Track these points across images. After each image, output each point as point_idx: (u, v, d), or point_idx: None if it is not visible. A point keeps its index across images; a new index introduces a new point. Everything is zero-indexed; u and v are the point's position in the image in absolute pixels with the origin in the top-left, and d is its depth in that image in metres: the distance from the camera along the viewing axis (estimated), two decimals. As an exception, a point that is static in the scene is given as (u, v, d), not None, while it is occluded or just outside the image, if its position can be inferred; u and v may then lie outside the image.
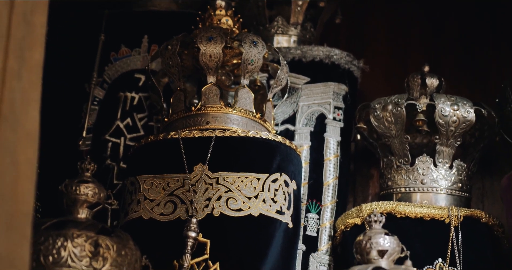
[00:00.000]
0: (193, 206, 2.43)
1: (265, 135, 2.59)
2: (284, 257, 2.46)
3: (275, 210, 2.48)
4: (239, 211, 2.44)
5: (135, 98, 3.08)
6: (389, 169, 2.92)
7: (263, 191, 2.48)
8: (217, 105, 2.65)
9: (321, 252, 2.79)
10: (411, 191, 2.84)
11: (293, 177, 2.60)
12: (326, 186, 2.91)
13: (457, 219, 2.69)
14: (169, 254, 2.37)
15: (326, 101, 3.03)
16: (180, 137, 2.56)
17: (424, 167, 2.84)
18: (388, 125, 2.85)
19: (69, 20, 3.22)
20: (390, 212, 2.71)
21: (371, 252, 2.10)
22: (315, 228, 2.83)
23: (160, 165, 2.55)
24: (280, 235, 2.46)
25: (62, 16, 3.14)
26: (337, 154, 2.98)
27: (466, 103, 2.81)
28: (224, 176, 2.49)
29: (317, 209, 2.86)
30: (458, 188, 2.84)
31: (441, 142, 2.83)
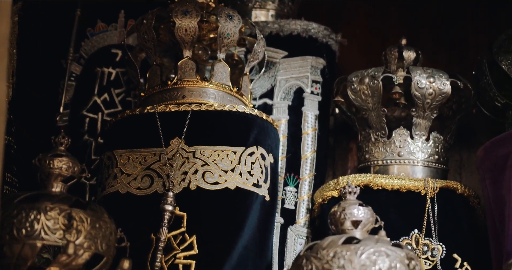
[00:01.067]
0: (169, 180, 2.44)
1: (241, 109, 2.59)
2: (261, 230, 2.47)
3: (251, 183, 2.49)
4: (216, 184, 2.45)
5: (112, 73, 3.07)
6: (366, 142, 2.94)
7: (240, 165, 2.49)
8: (193, 79, 2.65)
9: (299, 225, 2.81)
10: (388, 163, 2.86)
11: (270, 151, 2.61)
12: (304, 160, 2.93)
13: (433, 190, 2.72)
14: (146, 228, 2.39)
15: (304, 75, 3.04)
16: (156, 112, 2.56)
17: (401, 139, 2.86)
18: (365, 98, 2.86)
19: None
20: (367, 184, 2.74)
21: (345, 222, 2.12)
22: (293, 201, 2.85)
23: (136, 140, 2.55)
24: (256, 208, 2.47)
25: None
26: (315, 127, 2.99)
27: (442, 76, 2.83)
28: (200, 150, 2.50)
29: (295, 182, 2.88)
30: (435, 160, 2.86)
31: (417, 114, 2.85)
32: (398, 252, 1.98)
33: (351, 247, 1.96)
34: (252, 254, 2.40)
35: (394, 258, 1.95)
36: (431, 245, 2.63)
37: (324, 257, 1.97)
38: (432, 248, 2.62)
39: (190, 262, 2.31)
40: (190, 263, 2.31)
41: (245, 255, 2.37)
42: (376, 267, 1.93)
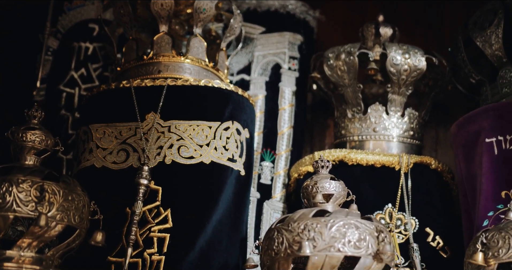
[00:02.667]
0: (145, 154, 2.45)
1: (217, 84, 2.60)
2: (236, 204, 2.50)
3: (226, 158, 2.51)
4: (191, 158, 2.47)
5: (89, 48, 3.07)
6: (343, 118, 2.96)
7: (215, 139, 2.51)
8: (169, 54, 2.65)
9: (275, 199, 2.84)
10: (363, 139, 2.89)
11: (246, 126, 2.63)
12: (280, 135, 2.95)
13: (407, 166, 2.75)
14: (122, 202, 2.40)
15: (281, 51, 3.05)
16: (132, 86, 2.57)
17: (376, 115, 2.88)
18: (341, 74, 2.88)
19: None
20: (342, 159, 2.76)
21: (317, 196, 2.15)
22: (269, 176, 2.87)
23: (112, 114, 2.56)
24: (231, 182, 2.49)
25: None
26: (292, 103, 3.01)
27: (417, 52, 2.85)
28: (175, 125, 2.51)
29: (271, 157, 2.90)
30: (410, 136, 2.89)
31: (393, 90, 2.87)
32: (368, 224, 2.01)
33: (321, 220, 1.99)
34: (226, 227, 2.42)
35: (364, 231, 1.98)
36: (404, 219, 2.66)
37: (295, 230, 2.00)
38: (405, 222, 2.66)
39: (164, 235, 2.33)
40: (164, 236, 2.33)
41: (220, 229, 2.39)
42: (346, 239, 1.96)
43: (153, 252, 2.29)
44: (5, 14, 2.88)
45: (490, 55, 2.78)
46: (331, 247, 1.95)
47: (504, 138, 2.58)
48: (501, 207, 2.45)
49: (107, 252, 2.30)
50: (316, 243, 1.95)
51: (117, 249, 2.32)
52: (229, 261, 2.37)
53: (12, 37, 3.02)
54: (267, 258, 2.06)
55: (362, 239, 1.97)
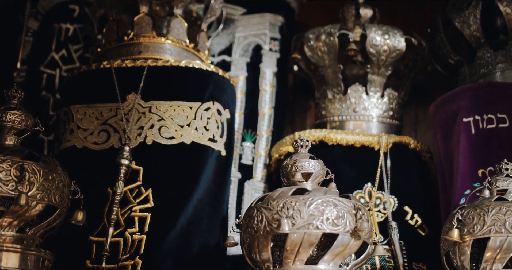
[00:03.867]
0: (126, 135, 2.47)
1: (197, 65, 2.61)
2: (217, 184, 2.52)
3: (207, 138, 2.53)
4: (172, 139, 2.48)
5: (70, 29, 3.06)
6: (323, 99, 2.99)
7: (196, 119, 2.52)
8: (150, 34, 2.66)
9: (256, 179, 2.86)
10: (344, 119, 2.91)
11: (227, 106, 2.64)
12: (261, 116, 2.97)
13: (386, 145, 2.78)
14: (103, 182, 2.42)
15: (262, 32, 3.06)
16: (113, 67, 2.57)
17: (356, 96, 2.91)
18: (321, 55, 2.90)
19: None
20: (322, 140, 2.79)
21: (296, 175, 2.17)
22: (250, 156, 2.90)
23: (93, 95, 2.57)
24: (212, 162, 2.51)
25: None
26: (273, 84, 3.03)
27: (396, 33, 2.87)
28: (156, 105, 2.52)
29: (253, 138, 2.92)
30: (389, 116, 2.93)
31: (372, 71, 2.89)
32: (346, 202, 2.03)
33: (300, 198, 2.01)
34: (207, 207, 2.45)
35: (342, 208, 2.01)
36: (384, 198, 2.70)
37: (274, 208, 2.02)
38: (384, 201, 2.69)
39: (145, 215, 2.35)
40: (145, 216, 2.35)
41: (201, 208, 2.42)
42: (324, 217, 1.98)
43: (135, 232, 2.31)
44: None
45: (468, 36, 2.81)
46: (309, 224, 1.98)
47: (481, 118, 2.62)
48: (478, 185, 2.49)
49: (88, 232, 2.32)
50: (295, 220, 1.98)
51: (98, 228, 2.34)
52: (210, 240, 2.40)
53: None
54: (246, 236, 2.08)
55: (340, 217, 1.99)
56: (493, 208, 2.04)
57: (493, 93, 2.67)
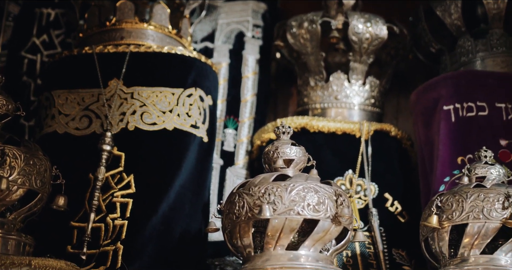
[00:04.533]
0: (108, 121, 2.46)
1: (180, 51, 2.61)
2: (199, 170, 2.52)
3: (189, 125, 2.53)
4: (154, 125, 2.48)
5: (51, 14, 3.04)
6: (305, 86, 3.00)
7: (178, 106, 2.53)
8: (132, 20, 2.65)
9: (238, 166, 2.87)
10: (325, 107, 2.93)
11: (209, 93, 2.64)
12: (244, 103, 2.98)
13: (367, 133, 2.80)
14: (84, 167, 2.41)
15: (245, 19, 3.06)
16: (94, 52, 2.56)
17: (338, 83, 2.93)
18: (304, 42, 2.91)
19: None
20: (304, 127, 2.81)
21: (278, 161, 2.17)
22: (232, 143, 2.90)
23: (74, 80, 2.56)
24: (194, 148, 2.51)
25: None
26: (255, 71, 3.03)
27: (378, 21, 2.89)
28: (138, 91, 2.51)
29: (235, 125, 2.93)
30: (371, 103, 2.95)
31: (354, 59, 2.91)
32: (327, 188, 2.05)
33: (281, 184, 2.03)
34: (189, 193, 2.45)
35: (323, 194, 2.03)
36: (364, 185, 2.72)
37: (255, 194, 2.03)
38: (365, 188, 2.72)
39: (127, 200, 2.35)
40: (127, 201, 2.35)
41: (182, 194, 2.42)
42: (305, 203, 2.00)
43: (116, 217, 2.31)
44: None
45: (449, 25, 2.83)
46: (290, 210, 1.99)
47: (462, 106, 2.65)
48: (457, 172, 2.51)
49: (69, 217, 2.32)
50: (276, 206, 1.99)
51: (79, 214, 2.34)
52: (191, 226, 2.41)
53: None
54: (228, 222, 2.09)
55: (321, 203, 2.01)
56: (471, 194, 2.07)
57: (473, 81, 2.70)
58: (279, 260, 2.01)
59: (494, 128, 2.60)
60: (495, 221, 2.02)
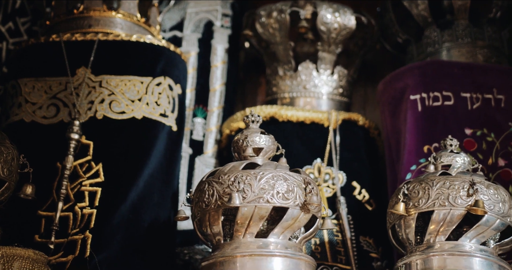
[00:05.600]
0: (75, 109, 2.44)
1: (149, 40, 2.60)
2: (168, 159, 2.52)
3: (158, 113, 2.52)
4: (122, 113, 2.47)
5: (17, 1, 2.99)
6: (274, 76, 3.01)
7: (147, 94, 2.52)
8: (100, 8, 2.63)
9: (207, 155, 2.88)
10: (294, 96, 2.95)
11: (178, 81, 2.64)
12: (213, 92, 2.98)
13: (336, 122, 2.83)
14: (52, 156, 2.39)
15: (214, 8, 3.05)
16: (62, 40, 2.54)
17: (307, 73, 2.95)
18: (272, 31, 2.92)
19: None
20: (273, 116, 2.82)
21: (247, 149, 2.19)
22: (201, 132, 2.90)
23: (41, 68, 2.53)
24: (163, 137, 2.51)
25: None
26: (224, 60, 3.03)
27: (347, 11, 2.91)
28: (107, 79, 2.50)
29: (204, 114, 2.93)
30: (339, 93, 2.97)
31: (323, 48, 2.93)
32: (296, 177, 2.07)
33: (251, 172, 2.04)
34: (158, 182, 2.45)
35: (292, 182, 2.04)
36: (332, 174, 2.75)
37: (225, 182, 2.04)
38: (333, 177, 2.74)
39: (96, 189, 2.33)
40: (96, 190, 2.33)
41: (151, 183, 2.41)
42: (275, 191, 2.02)
43: (85, 206, 2.30)
44: None
45: (416, 15, 2.87)
46: (260, 198, 2.01)
47: (428, 95, 2.69)
48: (423, 161, 2.56)
49: (37, 206, 2.30)
50: (246, 194, 2.01)
51: (47, 203, 2.31)
52: (160, 215, 2.41)
53: None
54: (197, 210, 2.10)
55: (290, 191, 2.03)
56: (437, 182, 2.10)
57: (439, 71, 2.74)
58: (249, 248, 2.02)
59: (459, 118, 2.65)
60: (460, 208, 2.06)
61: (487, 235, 2.09)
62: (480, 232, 2.07)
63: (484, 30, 2.89)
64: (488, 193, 2.07)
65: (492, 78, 2.73)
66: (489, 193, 2.07)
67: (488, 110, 2.67)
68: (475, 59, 2.85)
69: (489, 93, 2.70)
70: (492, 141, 2.60)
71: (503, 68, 2.84)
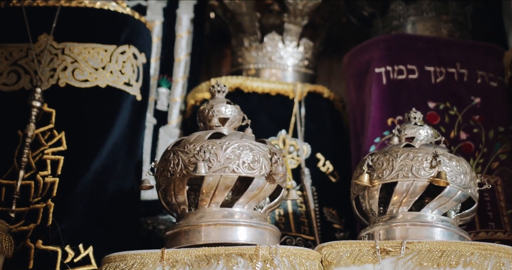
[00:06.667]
0: (37, 77, 2.39)
1: (113, 7, 2.55)
2: (132, 128, 2.49)
3: (122, 82, 2.49)
4: (86, 82, 2.43)
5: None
6: (240, 47, 2.99)
7: (111, 63, 2.47)
8: (63, -26, 2.56)
9: (171, 125, 2.86)
10: (260, 67, 2.94)
11: (143, 50, 2.60)
12: (177, 62, 2.95)
13: (301, 94, 2.83)
14: (13, 124, 2.34)
15: (178, -23, 3.01)
16: (23, 6, 2.47)
17: (273, 44, 2.93)
18: (238, 2, 2.90)
19: None
20: (238, 87, 2.81)
21: (213, 119, 2.18)
22: (165, 102, 2.88)
23: (2, 34, 2.46)
24: (127, 106, 2.47)
25: None
26: (189, 30, 3.00)
27: (314, -18, 2.90)
28: (70, 47, 2.45)
29: (168, 84, 2.90)
30: (304, 65, 2.97)
31: (289, 20, 2.92)
32: (262, 147, 2.07)
33: (216, 142, 2.03)
34: (122, 151, 2.42)
35: (258, 153, 2.04)
36: (297, 146, 2.76)
37: (190, 151, 2.03)
38: (298, 148, 2.75)
39: (58, 157, 2.30)
40: (58, 158, 2.29)
41: (115, 152, 2.38)
42: (240, 161, 2.01)
43: (47, 174, 2.26)
44: None
45: (382, -12, 2.88)
46: (226, 168, 2.00)
47: (392, 69, 2.70)
48: (387, 134, 2.58)
49: (-2, 175, 2.26)
50: (212, 164, 2.00)
51: (8, 171, 2.27)
52: (124, 184, 2.38)
53: None
54: (162, 179, 2.09)
55: (256, 161, 2.03)
56: (401, 154, 2.12)
57: (403, 45, 2.76)
58: (214, 217, 2.02)
59: (423, 91, 2.68)
60: (423, 180, 2.08)
61: (449, 206, 2.12)
62: (442, 203, 2.10)
63: (449, 5, 2.91)
64: (450, 165, 2.10)
65: (455, 52, 2.77)
66: (452, 165, 2.10)
67: (451, 84, 2.70)
68: (440, 33, 2.87)
69: (452, 67, 2.73)
70: (455, 115, 2.64)
71: (467, 43, 2.87)
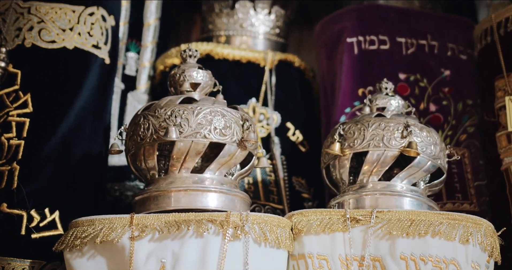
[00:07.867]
0: (2, 36, 2.31)
1: (81, -33, 2.47)
2: (100, 92, 2.43)
3: (91, 44, 2.42)
4: (53, 43, 2.36)
5: None
6: (210, 13, 2.94)
7: (79, 24, 2.40)
8: None
9: (139, 91, 2.81)
10: (230, 34, 2.90)
11: (111, 12, 2.53)
12: (147, 27, 2.89)
13: (272, 62, 2.80)
14: (-24, 84, 2.27)
15: None
16: (-13, -39, 2.38)
17: (244, 11, 2.89)
18: (210, -34, 2.85)
19: None
20: (208, 53, 2.77)
21: (184, 84, 2.14)
22: (134, 67, 2.83)
23: (-36, -9, 2.38)
24: (96, 69, 2.42)
25: None
26: (159, -6, 2.94)
27: (287, -52, 2.86)
28: (36, 6, 2.37)
29: (137, 48, 2.85)
30: (275, 33, 2.94)
31: (257, -13, 2.88)
32: (234, 113, 2.05)
33: (188, 107, 2.00)
34: (90, 115, 2.36)
35: (230, 119, 2.02)
36: (267, 114, 2.74)
37: (161, 116, 2.00)
38: (268, 117, 2.73)
39: (24, 120, 2.23)
40: (24, 121, 2.23)
41: (83, 116, 2.33)
42: (212, 126, 1.99)
43: (12, 137, 2.20)
44: None
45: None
46: (197, 133, 1.97)
47: (364, 39, 2.69)
48: (358, 104, 2.58)
49: (-41, 138, 2.19)
50: (183, 129, 1.97)
51: (-30, 134, 2.21)
52: (92, 149, 2.34)
53: None
54: (132, 144, 2.05)
55: (227, 127, 2.00)
56: (372, 123, 2.12)
57: (375, 15, 2.75)
58: (184, 183, 2.00)
59: (394, 62, 2.68)
60: (394, 149, 2.09)
61: (418, 176, 2.14)
62: (411, 173, 2.11)
63: (421, -23, 2.91)
64: (421, 135, 2.11)
65: (426, 24, 2.77)
66: (422, 136, 2.11)
67: (421, 56, 2.71)
68: (412, 4, 2.87)
69: (423, 39, 2.73)
70: (425, 87, 2.65)
71: (438, 15, 2.87)
